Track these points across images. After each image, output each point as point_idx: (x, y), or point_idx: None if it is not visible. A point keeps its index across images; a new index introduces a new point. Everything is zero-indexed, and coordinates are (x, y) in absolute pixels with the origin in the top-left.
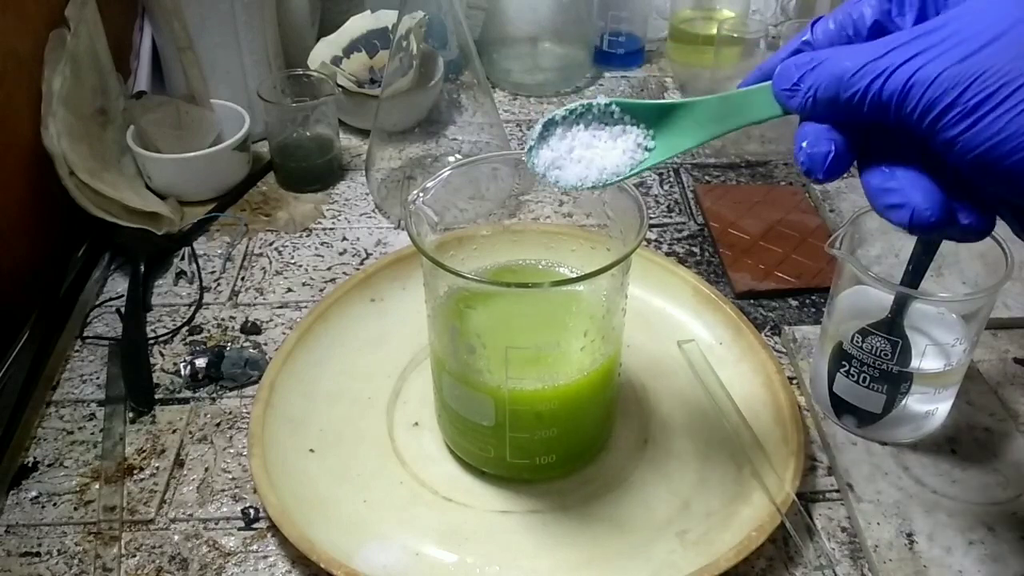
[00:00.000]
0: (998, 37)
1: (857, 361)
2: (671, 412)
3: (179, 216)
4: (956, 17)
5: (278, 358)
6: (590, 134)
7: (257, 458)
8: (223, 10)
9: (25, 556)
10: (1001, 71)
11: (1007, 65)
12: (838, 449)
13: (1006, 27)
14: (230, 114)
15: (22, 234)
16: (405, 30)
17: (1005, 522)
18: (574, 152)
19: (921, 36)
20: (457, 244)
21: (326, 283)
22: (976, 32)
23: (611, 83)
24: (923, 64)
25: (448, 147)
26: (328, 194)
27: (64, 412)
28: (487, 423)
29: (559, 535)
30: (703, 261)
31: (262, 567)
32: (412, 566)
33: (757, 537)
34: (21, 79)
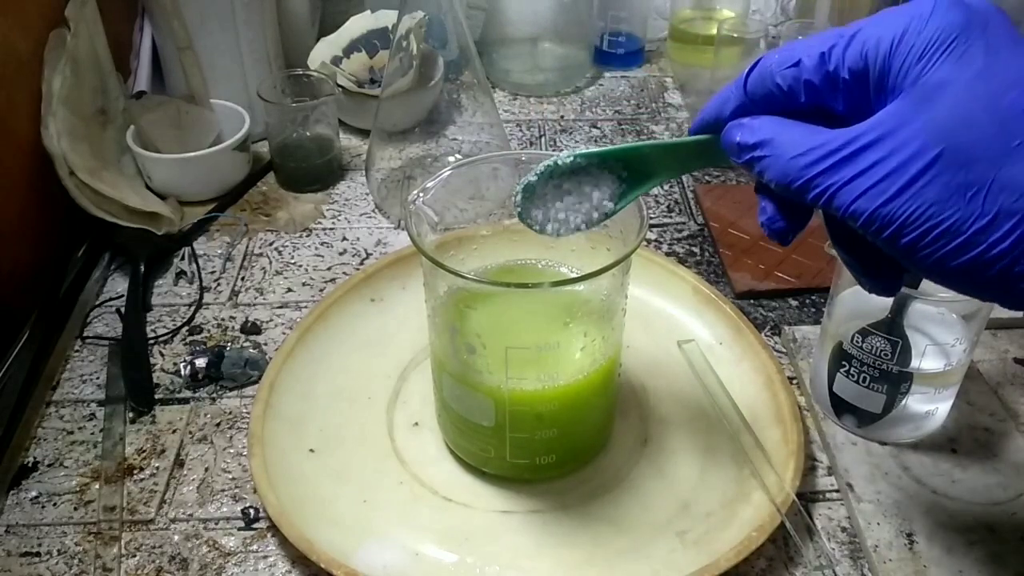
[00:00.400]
0: (920, 175)
1: (857, 361)
2: (671, 412)
3: (179, 216)
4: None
5: (278, 358)
6: (567, 187)
7: (257, 458)
8: (223, 10)
9: (25, 556)
10: (926, 214)
11: (929, 209)
12: (838, 449)
13: (926, 162)
14: (230, 114)
15: (22, 234)
16: (405, 30)
17: (1005, 522)
18: (558, 205)
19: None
20: (457, 244)
21: (326, 283)
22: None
23: (611, 83)
24: (859, 195)
25: (448, 147)
26: (328, 194)
27: (64, 412)
28: (487, 423)
29: (559, 535)
30: (703, 261)
31: (262, 567)
32: (412, 566)
33: (757, 537)
34: (21, 79)
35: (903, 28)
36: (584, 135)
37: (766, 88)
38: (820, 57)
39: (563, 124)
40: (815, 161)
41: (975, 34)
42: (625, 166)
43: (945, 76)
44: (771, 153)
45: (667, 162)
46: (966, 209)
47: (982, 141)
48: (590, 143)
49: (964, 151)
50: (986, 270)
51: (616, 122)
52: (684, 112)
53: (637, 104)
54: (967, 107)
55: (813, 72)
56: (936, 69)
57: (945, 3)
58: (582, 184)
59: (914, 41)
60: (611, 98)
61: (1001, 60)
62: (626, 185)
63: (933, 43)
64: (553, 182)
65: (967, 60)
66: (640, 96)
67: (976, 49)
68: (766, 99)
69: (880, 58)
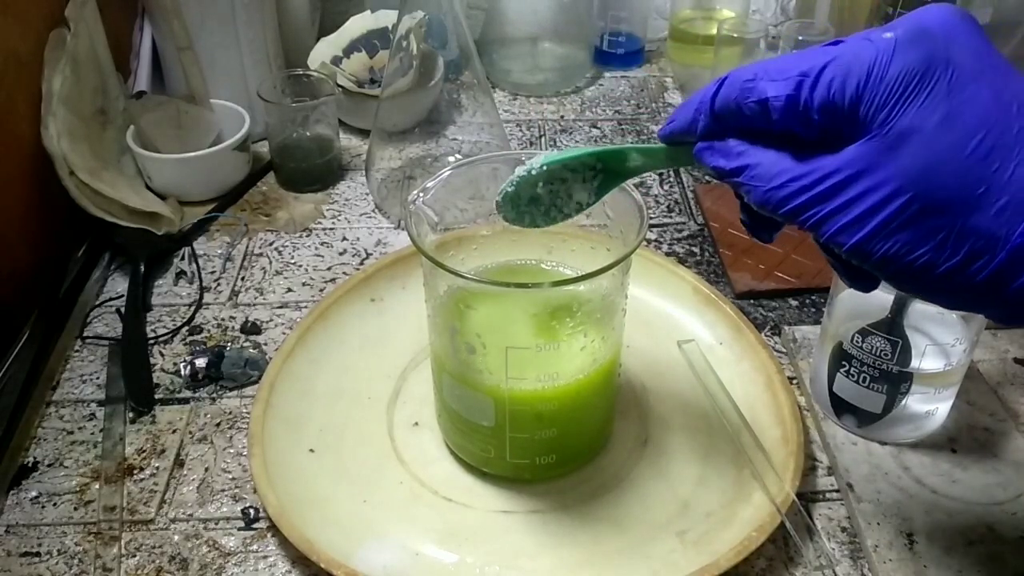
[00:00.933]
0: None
1: (857, 361)
2: (671, 412)
3: (179, 216)
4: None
5: (278, 358)
6: (543, 188)
7: (257, 458)
8: (223, 10)
9: (25, 556)
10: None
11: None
12: (838, 449)
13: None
14: (230, 114)
15: (22, 234)
16: (405, 30)
17: (1005, 522)
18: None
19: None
20: (457, 244)
21: (326, 283)
22: (877, 202)
23: (611, 83)
24: (838, 228)
25: (448, 147)
26: (328, 194)
27: (64, 412)
28: (487, 423)
29: (559, 535)
30: (703, 261)
31: (262, 567)
32: (412, 566)
33: (757, 537)
34: (21, 79)
35: (867, 70)
36: (584, 135)
37: (734, 112)
38: (788, 99)
39: (563, 124)
40: (794, 193)
41: (937, 72)
42: (598, 163)
43: (910, 123)
44: (750, 181)
45: (639, 163)
46: (938, 251)
47: (949, 189)
48: (590, 143)
49: (933, 197)
50: (964, 299)
51: (616, 122)
52: None
53: (637, 104)
54: (933, 156)
55: (782, 112)
56: (901, 116)
57: (905, 42)
58: (557, 183)
59: (877, 88)
60: (611, 98)
61: (965, 100)
62: (600, 180)
63: (896, 88)
64: (529, 185)
65: (930, 105)
66: (640, 96)
67: (939, 91)
68: (735, 120)
69: (847, 100)
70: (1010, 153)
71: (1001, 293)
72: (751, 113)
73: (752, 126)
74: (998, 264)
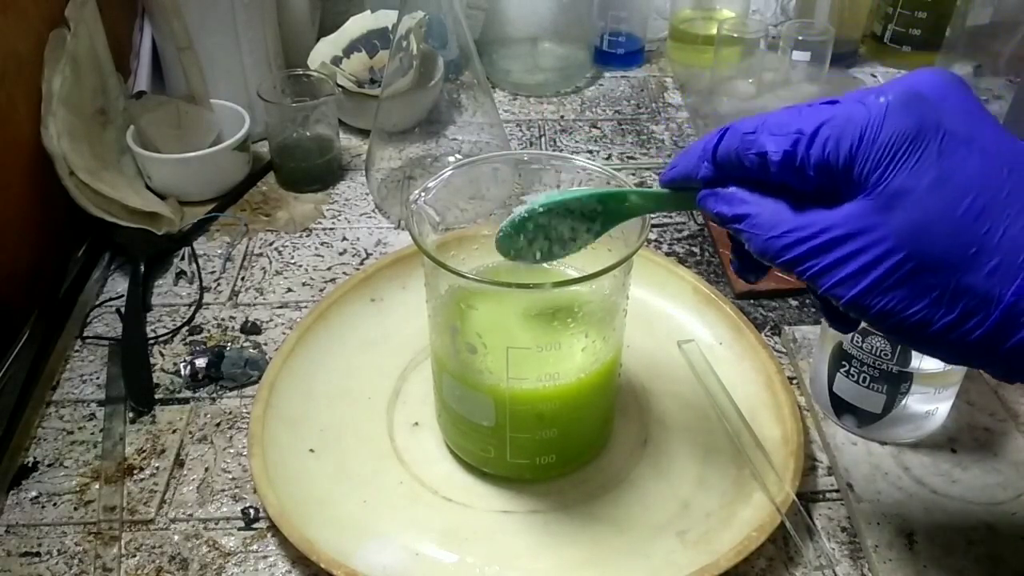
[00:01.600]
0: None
1: (857, 361)
2: (671, 412)
3: (179, 216)
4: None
5: (278, 358)
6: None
7: (257, 458)
8: (223, 10)
9: (25, 556)
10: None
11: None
12: (838, 449)
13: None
14: (230, 114)
15: (22, 234)
16: (405, 30)
17: (1005, 522)
18: (537, 241)
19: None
20: (458, 244)
21: (326, 283)
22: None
23: (611, 83)
24: (835, 282)
25: (448, 147)
26: (328, 194)
27: (64, 412)
28: (487, 423)
29: (559, 535)
30: (703, 261)
31: (262, 567)
32: (412, 566)
33: (757, 537)
34: (21, 79)
35: (860, 132)
36: (584, 135)
37: (735, 162)
38: (785, 155)
39: (563, 124)
40: (792, 244)
41: (928, 136)
42: (599, 205)
43: (902, 185)
44: (751, 229)
45: (640, 205)
46: (933, 308)
47: (942, 249)
48: (590, 143)
49: (927, 256)
50: (960, 356)
51: (616, 122)
52: (684, 112)
53: (637, 104)
54: (925, 217)
55: (779, 167)
56: (894, 178)
57: (897, 106)
58: (557, 222)
59: (870, 150)
60: (611, 98)
61: (955, 163)
62: (600, 221)
63: (888, 152)
64: (529, 225)
65: (921, 168)
66: (640, 96)
67: (929, 154)
68: (736, 169)
69: (841, 161)
70: (1001, 215)
71: (996, 351)
72: (751, 164)
73: (753, 176)
74: (992, 323)
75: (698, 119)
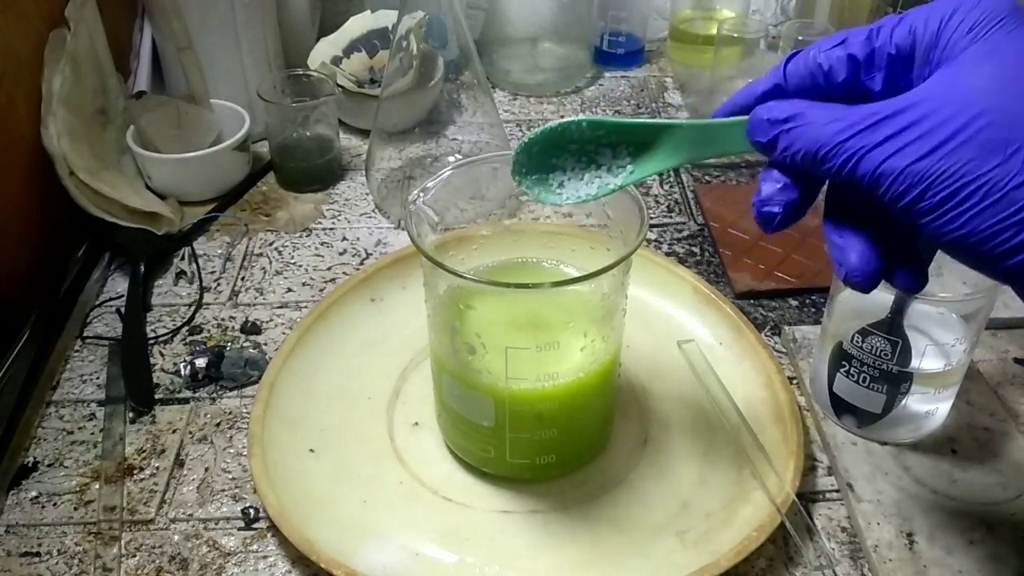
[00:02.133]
0: (957, 133)
1: (857, 361)
2: (671, 412)
3: (179, 216)
4: (923, 100)
5: (278, 358)
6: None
7: (257, 458)
8: (223, 10)
9: (25, 556)
10: (959, 172)
11: (964, 166)
12: (838, 449)
13: (965, 121)
14: (230, 114)
15: (22, 234)
16: (405, 30)
17: (1005, 522)
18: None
19: (889, 118)
20: (457, 244)
21: (326, 283)
22: (939, 123)
23: (611, 83)
24: (891, 154)
25: (448, 147)
26: (328, 194)
27: (64, 412)
28: (487, 423)
29: (559, 535)
30: (703, 261)
31: (262, 567)
32: (412, 566)
33: (757, 537)
34: (21, 79)
35: (953, 8)
36: None
37: (805, 70)
38: (868, 33)
39: None
40: (849, 126)
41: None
42: (635, 142)
43: (994, 46)
44: (803, 123)
45: (682, 144)
46: (1004, 167)
47: None
48: None
49: (1007, 112)
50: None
51: None
52: (684, 112)
53: (637, 104)
54: (1013, 73)
55: (858, 48)
56: (985, 40)
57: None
58: (587, 154)
59: (964, 17)
60: (611, 98)
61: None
62: (633, 163)
63: (983, 20)
64: (558, 146)
65: (1016, 36)
66: (640, 96)
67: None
68: (802, 84)
69: (928, 34)
70: None
71: None
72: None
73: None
74: None
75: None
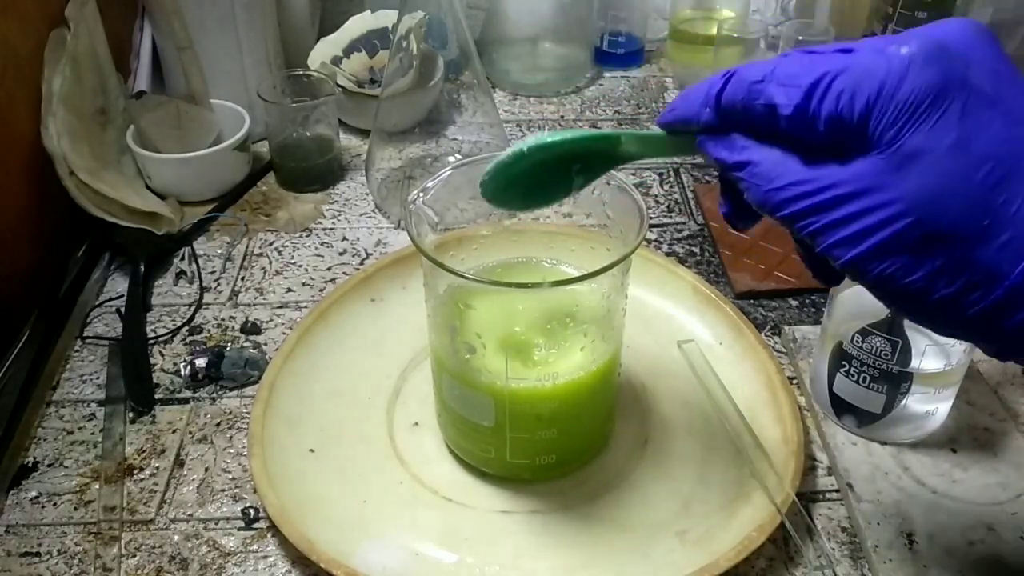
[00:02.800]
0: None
1: (857, 361)
2: (671, 412)
3: (179, 216)
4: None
5: (278, 358)
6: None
7: (257, 458)
8: (223, 10)
9: (25, 556)
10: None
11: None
12: (838, 449)
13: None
14: (230, 114)
15: (22, 234)
16: (405, 30)
17: (1005, 522)
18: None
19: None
20: (457, 244)
21: (326, 283)
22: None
23: (611, 83)
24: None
25: (448, 147)
26: (328, 194)
27: (64, 412)
28: (487, 423)
29: (559, 535)
30: (703, 261)
31: (262, 567)
32: (412, 566)
33: (757, 537)
34: (21, 79)
35: (878, 86)
36: None
37: (739, 111)
38: (796, 109)
39: (563, 124)
40: (794, 198)
41: (952, 95)
42: (592, 148)
43: (919, 145)
44: (752, 179)
45: (635, 151)
46: (934, 279)
47: (954, 217)
48: None
49: (936, 224)
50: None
51: (616, 122)
52: None
53: (637, 104)
54: (940, 181)
55: (789, 121)
56: (910, 136)
57: (920, 59)
58: (547, 164)
59: (887, 105)
60: (611, 98)
61: (978, 126)
62: (592, 166)
63: (907, 108)
64: (517, 166)
65: (941, 129)
66: (640, 96)
67: (952, 114)
68: (740, 117)
69: (856, 117)
70: (1020, 186)
71: (995, 329)
72: (758, 115)
73: (757, 125)
74: (994, 300)
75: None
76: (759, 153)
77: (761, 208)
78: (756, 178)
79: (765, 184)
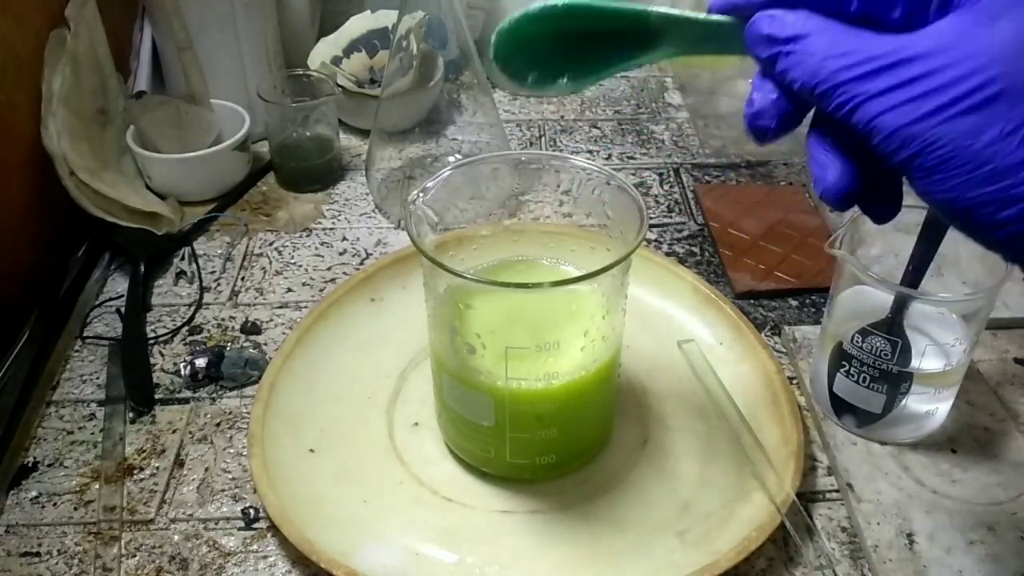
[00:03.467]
0: (962, 97)
1: (857, 361)
2: (671, 412)
3: (179, 216)
4: (933, 52)
5: (278, 358)
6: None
7: (257, 458)
8: (223, 10)
9: (25, 556)
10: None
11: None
12: (838, 449)
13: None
14: (230, 114)
15: (22, 234)
16: (405, 30)
17: (1005, 522)
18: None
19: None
20: (457, 244)
21: (326, 283)
22: (946, 83)
23: (611, 83)
24: (888, 108)
25: (448, 147)
26: (328, 194)
27: (64, 412)
28: (487, 423)
29: (559, 535)
30: (703, 261)
31: (262, 567)
32: (412, 566)
33: (757, 537)
34: (21, 79)
35: None
36: (584, 135)
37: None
38: None
39: (563, 124)
40: (851, 65)
41: None
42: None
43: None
44: (802, 50)
45: (674, 37)
46: (1002, 143)
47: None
48: (590, 143)
49: (1021, 80)
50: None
51: (616, 122)
52: (684, 112)
53: (637, 104)
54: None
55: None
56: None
57: None
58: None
59: None
60: (611, 98)
61: None
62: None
63: None
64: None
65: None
66: (640, 96)
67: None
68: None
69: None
70: None
71: None
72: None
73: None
74: None
75: (698, 119)
76: (819, 26)
77: (807, 84)
78: (810, 47)
79: (819, 53)
